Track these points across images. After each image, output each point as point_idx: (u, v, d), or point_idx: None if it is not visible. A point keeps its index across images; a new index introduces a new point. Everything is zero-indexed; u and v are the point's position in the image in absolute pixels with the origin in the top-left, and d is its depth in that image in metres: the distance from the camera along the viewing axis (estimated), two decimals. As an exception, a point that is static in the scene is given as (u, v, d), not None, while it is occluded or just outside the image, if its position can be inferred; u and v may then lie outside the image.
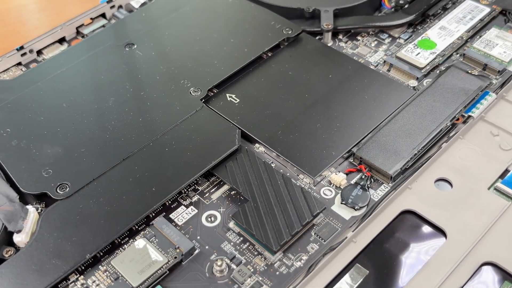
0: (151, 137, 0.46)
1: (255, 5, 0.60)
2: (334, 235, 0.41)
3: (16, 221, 0.41)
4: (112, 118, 0.48)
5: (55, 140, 0.47)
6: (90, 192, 0.43)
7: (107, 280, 0.39)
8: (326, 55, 0.54)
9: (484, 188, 0.44)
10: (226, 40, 0.56)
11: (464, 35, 0.56)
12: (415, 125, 0.47)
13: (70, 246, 0.39)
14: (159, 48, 0.55)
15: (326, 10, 0.58)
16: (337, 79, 0.52)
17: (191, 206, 0.44)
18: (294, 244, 0.41)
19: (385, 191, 0.44)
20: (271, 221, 0.40)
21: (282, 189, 0.42)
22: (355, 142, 0.46)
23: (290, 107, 0.49)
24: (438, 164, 0.46)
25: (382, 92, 0.50)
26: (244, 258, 0.40)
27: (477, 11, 0.59)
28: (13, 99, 0.50)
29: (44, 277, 0.38)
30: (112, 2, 0.63)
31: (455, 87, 0.50)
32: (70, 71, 0.53)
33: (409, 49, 0.55)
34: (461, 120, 0.49)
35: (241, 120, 0.48)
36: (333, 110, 0.49)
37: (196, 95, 0.50)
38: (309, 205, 0.41)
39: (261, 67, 0.54)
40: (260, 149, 0.47)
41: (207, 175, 0.46)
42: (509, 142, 0.48)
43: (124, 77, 0.52)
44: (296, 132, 0.47)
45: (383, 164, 0.44)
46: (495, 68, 0.52)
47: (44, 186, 0.43)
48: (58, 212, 0.41)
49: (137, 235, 0.41)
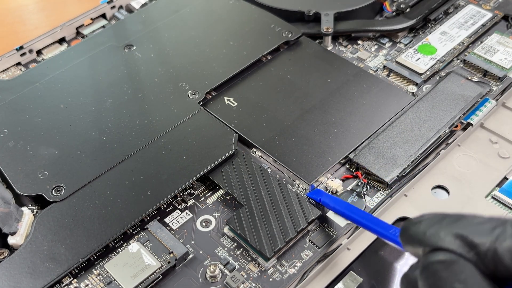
0: (147, 140, 0.46)
1: (255, 7, 0.59)
2: (329, 242, 0.41)
3: (10, 223, 0.41)
4: (109, 120, 0.48)
5: (52, 141, 0.47)
6: (85, 195, 0.43)
7: (100, 284, 0.39)
8: (326, 59, 0.54)
9: (482, 197, 0.44)
10: (225, 42, 0.56)
11: (465, 40, 0.56)
12: (413, 131, 0.47)
13: (64, 249, 0.39)
14: (158, 50, 0.55)
15: (327, 14, 0.57)
16: (335, 83, 0.52)
17: (186, 210, 0.44)
18: (288, 251, 0.40)
19: (381, 198, 0.44)
20: (265, 227, 0.40)
21: (278, 195, 0.42)
22: (352, 148, 0.46)
23: (288, 112, 0.49)
24: (436, 172, 0.46)
25: (381, 98, 0.50)
26: (238, 264, 0.40)
27: (479, 16, 0.58)
28: (11, 99, 0.50)
29: (37, 280, 0.38)
30: (112, 3, 0.63)
31: (455, 93, 0.49)
32: (69, 72, 0.53)
33: (409, 54, 0.55)
34: (460, 127, 0.48)
35: (238, 124, 0.48)
36: (331, 115, 0.49)
37: (194, 98, 0.50)
38: (304, 211, 0.41)
39: (260, 70, 0.53)
40: (256, 154, 0.47)
41: (202, 179, 0.45)
42: (508, 150, 0.47)
43: (122, 79, 0.52)
44: (293, 137, 0.47)
45: (380, 171, 0.44)
46: (496, 74, 0.52)
47: (39, 188, 0.43)
48: (52, 215, 0.41)
49: (131, 239, 0.41)
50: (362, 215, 0.38)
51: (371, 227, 0.36)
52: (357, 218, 0.38)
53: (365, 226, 0.37)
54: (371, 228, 0.36)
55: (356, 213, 0.38)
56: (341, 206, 0.40)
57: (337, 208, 0.40)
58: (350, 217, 0.39)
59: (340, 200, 0.41)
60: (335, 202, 0.40)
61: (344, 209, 0.39)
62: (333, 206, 0.40)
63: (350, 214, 0.38)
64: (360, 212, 0.38)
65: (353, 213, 0.38)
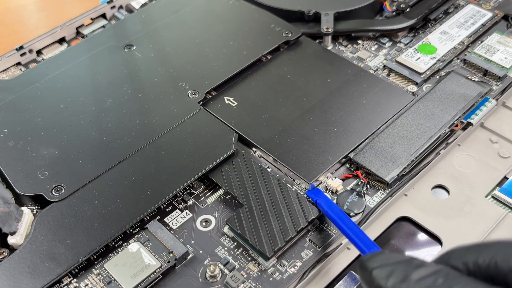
0: (147, 140, 0.46)
1: (255, 7, 0.59)
2: (329, 241, 0.41)
3: (10, 222, 0.41)
4: (109, 120, 0.48)
5: (52, 141, 0.47)
6: (85, 195, 0.43)
7: (100, 284, 0.39)
8: (326, 59, 0.54)
9: (482, 196, 0.44)
10: (225, 42, 0.56)
11: (465, 40, 0.56)
12: (413, 131, 0.47)
13: (64, 249, 0.39)
14: (158, 50, 0.55)
15: (327, 13, 0.57)
16: (335, 83, 0.51)
17: (186, 210, 0.44)
18: (288, 250, 0.40)
19: (381, 198, 0.44)
20: (265, 226, 0.40)
21: (278, 194, 0.42)
22: (352, 148, 0.46)
23: (288, 111, 0.49)
24: (436, 171, 0.46)
25: (381, 97, 0.50)
26: (238, 263, 0.40)
27: (479, 16, 0.58)
28: (11, 99, 0.50)
29: (37, 280, 0.38)
30: (112, 3, 0.63)
31: (455, 93, 0.49)
32: (69, 72, 0.53)
33: (409, 54, 0.54)
34: (460, 126, 0.48)
35: (238, 124, 0.48)
36: (331, 115, 0.49)
37: (194, 98, 0.50)
38: (304, 211, 0.41)
39: (260, 70, 0.53)
40: (256, 153, 0.47)
41: (202, 178, 0.45)
42: (508, 149, 0.47)
43: (122, 78, 0.52)
44: (293, 136, 0.47)
45: (380, 170, 0.44)
46: (496, 74, 0.52)
47: (39, 188, 0.43)
48: (52, 214, 0.41)
49: (131, 239, 0.41)
50: (351, 227, 0.38)
51: (355, 241, 0.37)
52: (345, 230, 0.38)
53: (351, 240, 0.37)
54: (355, 243, 0.37)
55: (346, 224, 0.38)
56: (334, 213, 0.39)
57: (329, 214, 0.40)
58: (339, 226, 0.39)
59: (335, 207, 0.40)
60: (330, 207, 0.40)
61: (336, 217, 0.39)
62: (326, 210, 0.40)
63: (340, 223, 0.38)
64: (350, 224, 0.38)
65: (343, 223, 0.38)
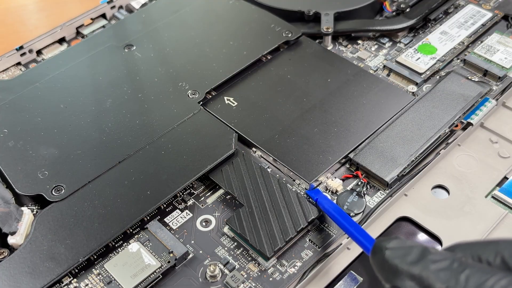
0: (147, 140, 0.46)
1: (255, 7, 0.59)
2: (329, 241, 0.41)
3: (10, 222, 0.41)
4: (109, 120, 0.48)
5: (52, 141, 0.47)
6: (85, 195, 0.43)
7: (100, 284, 0.39)
8: (326, 59, 0.54)
9: (481, 196, 0.44)
10: (225, 42, 0.56)
11: (465, 40, 0.56)
12: (413, 131, 0.47)
13: (63, 249, 0.39)
14: (158, 50, 0.55)
15: (327, 13, 0.57)
16: (335, 83, 0.51)
17: (186, 210, 0.44)
18: (288, 250, 0.40)
19: (381, 198, 0.44)
20: (265, 226, 0.40)
21: (278, 194, 0.42)
22: (352, 148, 0.46)
23: (288, 111, 0.49)
24: (436, 171, 0.46)
25: (381, 97, 0.50)
26: (238, 263, 0.40)
27: (479, 16, 0.58)
28: (11, 99, 0.50)
29: (37, 280, 0.38)
30: (112, 3, 0.63)
31: (455, 93, 0.49)
32: (69, 72, 0.53)
33: (409, 54, 0.54)
34: (460, 126, 0.48)
35: (238, 124, 0.48)
36: (331, 115, 0.49)
37: (194, 98, 0.50)
38: (304, 211, 0.41)
39: (260, 70, 0.53)
40: (256, 153, 0.47)
41: (202, 178, 0.45)
42: (508, 149, 0.47)
43: (122, 78, 0.52)
44: (293, 136, 0.47)
45: (380, 170, 0.44)
46: (496, 74, 0.52)
47: (39, 188, 0.43)
48: (52, 214, 0.41)
49: (131, 239, 0.41)
50: (351, 224, 0.38)
51: (357, 238, 0.36)
52: (347, 227, 0.38)
53: (353, 237, 0.37)
54: (357, 240, 0.36)
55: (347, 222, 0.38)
56: (335, 211, 0.39)
57: (330, 212, 0.40)
58: (340, 224, 0.39)
59: (335, 206, 0.40)
60: (330, 206, 0.40)
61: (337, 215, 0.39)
62: (327, 208, 0.40)
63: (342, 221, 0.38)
64: (350, 222, 0.38)
65: (344, 221, 0.38)
